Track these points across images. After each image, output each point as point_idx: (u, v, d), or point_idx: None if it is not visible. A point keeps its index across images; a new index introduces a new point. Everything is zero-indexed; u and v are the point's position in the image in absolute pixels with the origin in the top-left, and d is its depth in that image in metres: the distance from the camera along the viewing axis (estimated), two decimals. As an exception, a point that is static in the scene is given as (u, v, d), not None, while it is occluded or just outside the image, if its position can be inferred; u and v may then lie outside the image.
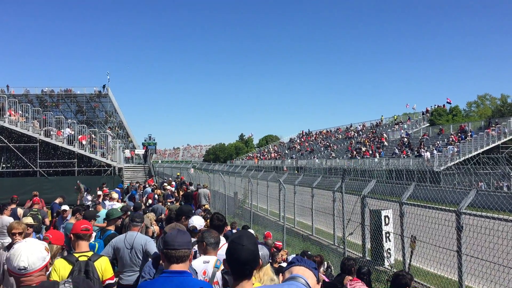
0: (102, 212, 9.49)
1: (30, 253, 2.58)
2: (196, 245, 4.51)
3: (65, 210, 10.60)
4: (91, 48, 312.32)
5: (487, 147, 37.60)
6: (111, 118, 59.51)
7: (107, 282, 4.48)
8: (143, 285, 3.05)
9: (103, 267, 4.50)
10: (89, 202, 18.11)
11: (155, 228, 8.31)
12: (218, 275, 3.95)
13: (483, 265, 6.90)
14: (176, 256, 2.97)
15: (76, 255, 4.27)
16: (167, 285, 2.87)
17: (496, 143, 38.35)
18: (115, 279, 4.77)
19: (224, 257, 2.60)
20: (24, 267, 2.52)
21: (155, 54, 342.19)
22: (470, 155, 35.61)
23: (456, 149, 36.86)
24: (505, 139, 38.82)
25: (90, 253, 4.43)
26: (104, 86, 57.15)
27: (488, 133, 38.45)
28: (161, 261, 4.06)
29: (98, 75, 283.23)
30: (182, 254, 3.01)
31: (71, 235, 4.47)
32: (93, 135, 31.72)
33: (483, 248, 6.87)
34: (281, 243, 11.65)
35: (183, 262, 3.03)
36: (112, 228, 6.74)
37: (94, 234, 7.56)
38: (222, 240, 4.90)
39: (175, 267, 2.99)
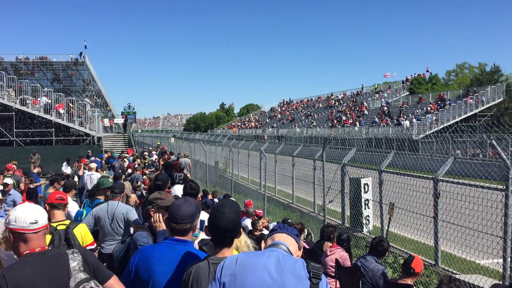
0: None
1: (36, 209, 2.62)
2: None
3: (7, 184, 9.59)
4: (67, 14, 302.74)
5: (465, 116, 38.20)
6: (89, 87, 58.24)
7: (88, 247, 4.48)
8: (144, 250, 3.03)
9: (83, 233, 4.50)
10: (69, 172, 17.92)
11: (133, 197, 8.29)
12: (195, 245, 3.96)
13: (459, 231, 7.07)
14: (177, 229, 2.94)
15: (54, 224, 4.22)
16: (168, 252, 2.87)
17: (474, 112, 38.97)
18: (94, 244, 4.77)
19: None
20: (35, 220, 2.53)
21: (134, 21, 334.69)
22: (448, 124, 36.13)
23: (434, 118, 37.36)
24: (482, 108, 39.46)
25: (67, 221, 4.40)
26: (81, 54, 55.66)
27: (466, 102, 38.99)
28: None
29: (75, 42, 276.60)
30: (184, 228, 2.96)
31: (46, 205, 4.41)
32: (70, 104, 31.08)
33: (458, 214, 7.03)
34: (262, 211, 11.76)
35: (186, 235, 3.01)
36: (102, 198, 6.70)
37: (84, 202, 7.52)
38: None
39: (178, 236, 2.98)
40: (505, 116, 40.27)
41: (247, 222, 10.25)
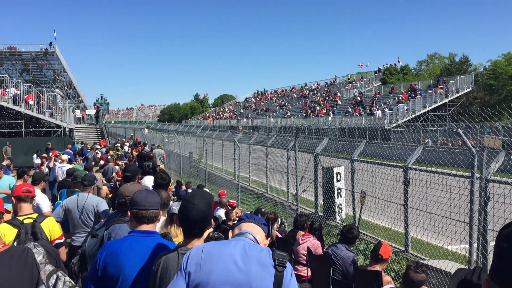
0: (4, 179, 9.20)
1: None
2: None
3: None
4: (36, 3, 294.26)
5: (435, 105, 38.95)
6: (59, 77, 56.91)
7: (56, 241, 4.41)
8: (110, 244, 2.96)
9: (50, 227, 4.41)
10: (39, 162, 17.54)
11: (105, 188, 8.19)
12: None
13: (428, 217, 7.24)
14: (147, 216, 2.92)
15: (21, 218, 4.13)
16: (136, 245, 2.83)
17: (444, 101, 39.77)
18: (63, 238, 4.68)
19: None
20: None
21: (105, 11, 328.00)
22: (419, 113, 36.79)
23: (406, 107, 37.97)
24: (452, 97, 40.30)
25: (35, 215, 4.31)
26: (51, 44, 54.29)
27: (437, 92, 39.74)
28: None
29: (44, 32, 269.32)
30: (153, 215, 2.96)
31: (13, 198, 4.31)
32: (40, 95, 30.32)
33: (427, 201, 7.19)
34: (235, 201, 11.78)
35: (153, 222, 3.00)
36: (79, 189, 6.59)
37: (60, 193, 7.37)
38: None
39: (145, 227, 2.94)
40: (474, 106, 41.26)
41: (221, 212, 10.26)
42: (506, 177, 5.96)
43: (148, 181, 5.43)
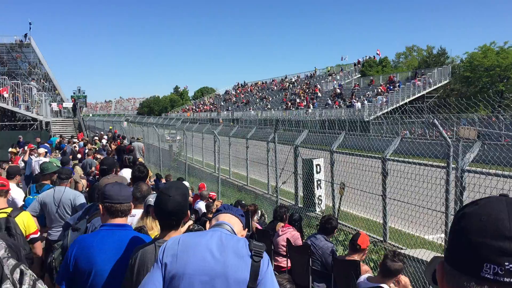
0: None
1: None
2: None
3: None
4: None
5: (414, 97, 39.47)
6: (35, 70, 55.68)
7: (31, 236, 4.35)
8: (82, 239, 2.91)
9: (25, 222, 4.34)
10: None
11: (83, 182, 8.09)
12: None
13: (405, 207, 7.34)
14: (120, 209, 2.90)
15: None
16: (109, 239, 2.80)
17: (422, 93, 40.35)
18: (38, 233, 4.62)
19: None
20: None
21: (82, 1, 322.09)
22: (398, 105, 37.19)
23: (385, 99, 38.39)
24: (429, 89, 40.91)
25: (9, 209, 4.23)
26: (26, 35, 53.06)
27: (415, 84, 40.27)
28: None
29: (19, 23, 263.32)
30: (126, 208, 2.95)
31: None
32: (16, 88, 29.69)
33: (405, 191, 7.29)
34: (215, 194, 11.77)
35: (126, 216, 2.98)
36: (48, 183, 6.49)
37: (29, 187, 7.25)
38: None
39: (117, 220, 2.92)
40: (451, 97, 41.87)
41: (201, 205, 10.24)
42: (481, 167, 6.07)
43: (126, 174, 5.36)
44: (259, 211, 9.80)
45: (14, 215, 4.18)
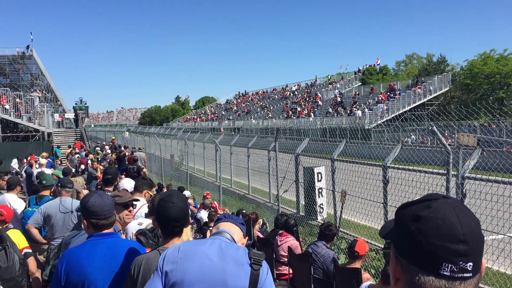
0: None
1: None
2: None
3: None
4: (11, 6, 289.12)
5: (414, 105, 39.51)
6: (37, 81, 55.88)
7: (24, 251, 4.33)
8: (70, 252, 2.85)
9: (16, 239, 4.32)
10: (14, 170, 17.29)
11: (85, 192, 8.11)
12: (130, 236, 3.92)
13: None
14: (107, 224, 2.89)
15: None
16: (97, 248, 2.77)
17: (422, 101, 40.41)
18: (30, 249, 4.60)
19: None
20: None
21: (83, 13, 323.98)
22: (398, 113, 37.26)
23: (385, 107, 38.43)
24: (430, 97, 40.96)
25: None
26: (28, 47, 53.35)
27: (415, 91, 40.33)
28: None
29: (21, 35, 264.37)
30: (112, 220, 2.95)
31: None
32: (17, 99, 29.78)
33: (405, 199, 7.29)
34: (218, 203, 11.77)
35: (112, 226, 2.98)
36: (48, 194, 6.50)
37: (28, 199, 7.27)
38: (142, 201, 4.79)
39: (104, 231, 2.91)
40: (451, 105, 41.99)
41: (203, 214, 10.24)
42: (481, 174, 6.09)
43: (126, 184, 5.38)
44: (261, 220, 9.80)
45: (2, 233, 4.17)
